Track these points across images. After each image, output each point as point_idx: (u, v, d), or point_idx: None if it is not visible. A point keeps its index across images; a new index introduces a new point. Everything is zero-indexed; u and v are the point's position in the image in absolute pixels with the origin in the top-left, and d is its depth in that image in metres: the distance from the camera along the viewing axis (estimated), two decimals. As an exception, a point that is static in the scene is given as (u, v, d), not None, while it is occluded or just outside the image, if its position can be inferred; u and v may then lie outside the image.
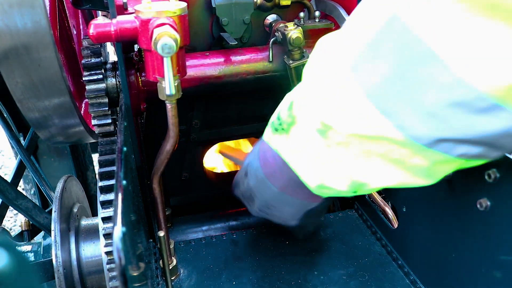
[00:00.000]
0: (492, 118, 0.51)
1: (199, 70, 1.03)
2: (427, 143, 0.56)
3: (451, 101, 0.52)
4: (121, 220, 0.56)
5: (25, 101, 0.93)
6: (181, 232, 1.21)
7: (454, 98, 0.51)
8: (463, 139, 0.54)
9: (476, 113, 0.51)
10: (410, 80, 0.54)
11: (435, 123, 0.54)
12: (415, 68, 0.53)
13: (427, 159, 0.58)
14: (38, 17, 0.84)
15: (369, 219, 1.18)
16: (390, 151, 0.60)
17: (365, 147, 0.61)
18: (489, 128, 0.52)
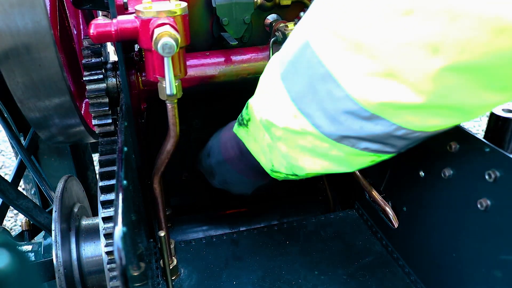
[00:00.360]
0: (374, 124, 0.66)
1: (199, 70, 1.03)
2: (336, 138, 0.71)
3: (344, 110, 0.67)
4: (122, 220, 0.57)
5: (26, 101, 0.93)
6: (182, 232, 1.21)
7: (346, 108, 0.66)
8: (359, 136, 0.69)
9: (363, 119, 0.66)
10: (318, 92, 0.69)
11: (337, 124, 0.69)
12: (320, 84, 0.68)
13: (342, 151, 0.73)
14: (38, 17, 0.84)
15: (370, 219, 1.18)
16: (315, 146, 0.74)
17: (297, 142, 0.76)
18: (374, 131, 0.67)
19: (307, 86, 0.70)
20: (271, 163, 0.86)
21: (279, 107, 0.76)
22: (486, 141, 0.74)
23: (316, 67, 0.68)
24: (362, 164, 0.77)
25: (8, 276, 0.24)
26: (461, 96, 0.61)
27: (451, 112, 0.63)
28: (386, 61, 0.60)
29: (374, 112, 0.65)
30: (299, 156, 0.79)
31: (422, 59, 0.58)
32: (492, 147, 0.72)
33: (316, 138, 0.73)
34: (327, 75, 0.66)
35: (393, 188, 1.06)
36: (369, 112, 0.65)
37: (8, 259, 0.24)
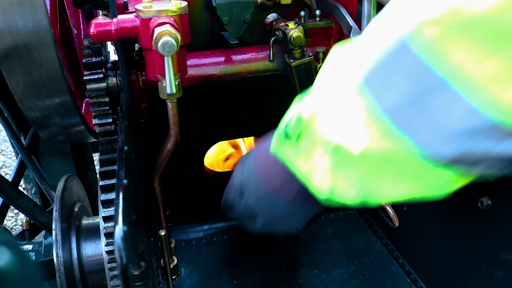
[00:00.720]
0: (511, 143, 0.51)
1: (199, 69, 1.03)
2: (446, 162, 0.55)
3: (470, 128, 0.51)
4: (122, 219, 0.57)
5: (26, 101, 0.93)
6: (182, 231, 1.21)
7: (473, 126, 0.50)
8: (481, 159, 0.54)
9: (498, 138, 0.50)
10: (426, 107, 0.52)
11: (455, 145, 0.53)
12: (430, 96, 0.52)
13: (445, 176, 0.57)
14: (38, 17, 0.84)
15: (370, 218, 1.18)
16: (405, 167, 0.58)
17: (378, 166, 0.59)
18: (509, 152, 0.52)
19: (410, 97, 0.53)
20: (332, 187, 0.66)
21: (357, 125, 0.58)
22: (487, 140, 0.74)
23: (423, 76, 0.52)
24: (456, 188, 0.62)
25: (9, 274, 0.24)
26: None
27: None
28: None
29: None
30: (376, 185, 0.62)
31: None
32: (493, 146, 0.72)
33: (412, 161, 0.56)
34: (443, 86, 0.50)
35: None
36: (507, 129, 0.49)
37: (8, 257, 0.24)
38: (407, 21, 0.52)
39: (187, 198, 1.30)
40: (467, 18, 0.46)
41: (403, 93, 0.53)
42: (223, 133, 1.26)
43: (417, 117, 0.53)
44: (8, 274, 0.24)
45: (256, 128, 1.25)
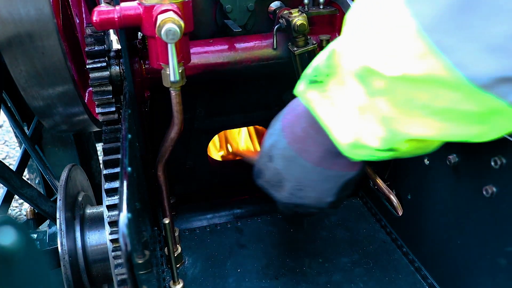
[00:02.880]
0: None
1: (203, 57, 1.03)
2: (486, 83, 0.50)
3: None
4: (127, 206, 0.57)
5: (29, 89, 0.93)
6: (186, 220, 1.21)
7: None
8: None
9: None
10: (475, 8, 0.48)
11: (500, 57, 0.48)
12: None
13: (480, 104, 0.53)
14: (41, 4, 0.83)
15: (374, 206, 1.18)
16: (437, 96, 0.54)
17: (409, 93, 0.56)
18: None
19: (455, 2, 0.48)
20: (356, 134, 0.64)
21: (393, 46, 0.54)
22: (492, 128, 0.73)
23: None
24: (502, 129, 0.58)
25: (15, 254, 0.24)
26: None
27: None
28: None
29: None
30: (408, 119, 0.58)
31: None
32: (498, 133, 0.72)
33: (446, 86, 0.52)
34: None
35: (398, 176, 1.06)
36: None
37: (15, 237, 0.24)
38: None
39: (190, 187, 1.30)
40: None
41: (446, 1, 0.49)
42: (227, 122, 1.26)
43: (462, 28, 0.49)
44: (14, 254, 0.24)
45: (259, 117, 1.24)
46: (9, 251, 0.24)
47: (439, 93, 0.53)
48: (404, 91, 0.56)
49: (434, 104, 0.55)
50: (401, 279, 0.99)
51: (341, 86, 0.63)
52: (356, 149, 0.66)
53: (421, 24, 0.51)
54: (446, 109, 0.55)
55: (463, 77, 0.50)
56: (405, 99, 0.56)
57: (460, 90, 0.52)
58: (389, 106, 0.58)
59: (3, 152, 2.88)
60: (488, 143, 0.74)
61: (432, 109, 0.55)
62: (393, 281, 0.98)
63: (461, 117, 0.55)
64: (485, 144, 0.75)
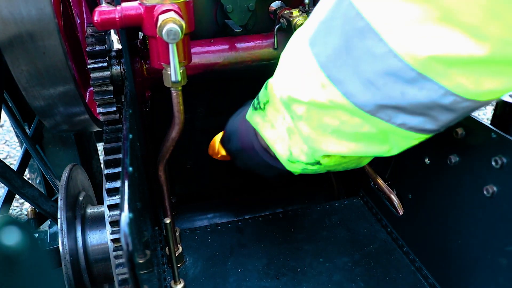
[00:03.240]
0: (419, 89, 0.57)
1: (203, 57, 1.03)
2: (370, 109, 0.62)
3: (384, 70, 0.57)
4: (128, 206, 0.57)
5: (30, 89, 0.93)
6: (187, 220, 1.21)
7: (387, 68, 0.57)
8: (398, 106, 0.60)
9: (405, 82, 0.57)
10: (354, 51, 0.60)
11: (373, 90, 0.60)
12: (357, 40, 0.59)
13: (375, 126, 0.64)
14: (42, 4, 0.83)
15: (374, 206, 1.18)
16: (344, 123, 0.66)
17: (322, 119, 0.68)
18: (417, 97, 0.58)
19: (341, 46, 0.61)
20: (289, 151, 0.77)
21: (304, 78, 0.67)
22: (493, 127, 0.73)
23: (353, 21, 0.59)
24: (395, 146, 0.68)
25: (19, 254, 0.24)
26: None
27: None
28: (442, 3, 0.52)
29: (421, 71, 0.56)
30: (323, 138, 0.70)
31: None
32: (499, 133, 0.72)
33: (346, 111, 0.64)
34: (367, 29, 0.57)
35: (398, 176, 1.06)
36: (415, 71, 0.56)
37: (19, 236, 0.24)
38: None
39: (191, 187, 1.30)
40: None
41: (336, 43, 0.61)
42: (227, 122, 1.26)
43: (346, 65, 0.61)
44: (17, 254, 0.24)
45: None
46: (12, 251, 0.24)
47: (343, 119, 0.66)
48: (317, 117, 0.68)
49: (342, 129, 0.67)
50: (402, 278, 0.99)
51: (275, 112, 0.77)
52: (292, 164, 0.79)
53: (318, 62, 0.64)
54: (352, 133, 0.67)
55: (352, 105, 0.63)
56: (318, 124, 0.69)
57: (357, 115, 0.64)
58: (308, 129, 0.71)
59: (3, 152, 2.88)
60: (489, 143, 0.74)
61: (342, 133, 0.68)
62: (393, 281, 0.98)
63: (366, 138, 0.67)
64: (485, 144, 0.75)
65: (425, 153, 0.92)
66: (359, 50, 0.59)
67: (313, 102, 0.67)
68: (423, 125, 0.63)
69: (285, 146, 0.77)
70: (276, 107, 0.76)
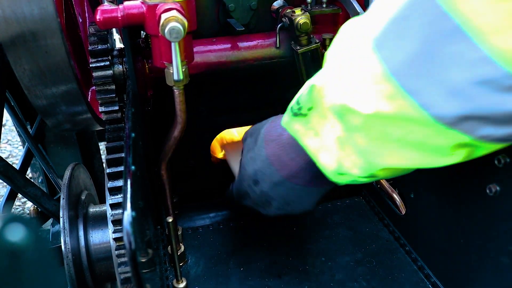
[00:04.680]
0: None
1: (205, 56, 1.03)
2: (451, 122, 0.55)
3: (478, 78, 0.51)
4: (131, 204, 0.57)
5: (33, 88, 0.93)
6: (189, 219, 1.21)
7: (481, 75, 0.50)
8: (489, 117, 0.53)
9: (503, 91, 0.50)
10: (437, 57, 0.53)
11: (461, 100, 0.53)
12: (442, 45, 0.52)
13: (450, 139, 0.57)
14: (44, 4, 0.83)
15: (377, 205, 1.18)
16: (410, 132, 0.59)
17: (384, 129, 0.61)
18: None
19: (420, 51, 0.54)
20: (338, 163, 0.69)
21: (366, 87, 0.60)
22: (496, 126, 0.73)
23: (437, 22, 0.51)
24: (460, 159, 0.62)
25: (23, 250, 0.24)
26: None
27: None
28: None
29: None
30: (382, 150, 0.63)
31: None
32: (502, 132, 0.72)
33: (415, 123, 0.58)
34: (457, 31, 0.50)
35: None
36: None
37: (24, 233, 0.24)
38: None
39: (193, 186, 1.30)
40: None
41: (413, 48, 0.54)
42: (229, 121, 1.26)
43: (425, 75, 0.54)
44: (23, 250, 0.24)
45: (262, 115, 1.24)
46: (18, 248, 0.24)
47: (412, 129, 0.59)
48: (379, 127, 0.61)
49: (407, 138, 0.60)
50: (404, 277, 0.99)
51: (322, 120, 0.69)
52: (340, 176, 0.72)
53: (389, 68, 0.57)
54: (419, 142, 0.60)
55: (429, 116, 0.56)
56: (380, 134, 0.62)
57: (429, 127, 0.57)
58: (366, 141, 0.64)
59: (6, 151, 2.89)
60: (492, 142, 0.74)
61: (406, 142, 0.61)
62: (396, 280, 0.98)
63: (433, 149, 0.60)
64: (488, 143, 0.75)
65: (428, 152, 0.92)
66: (445, 55, 0.52)
67: (378, 114, 0.59)
68: (507, 136, 0.56)
69: (333, 157, 0.70)
70: (324, 114, 0.69)
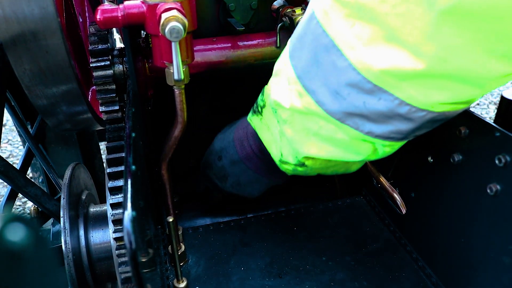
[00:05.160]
0: (377, 99, 0.64)
1: (206, 55, 1.03)
2: (340, 117, 0.68)
3: (347, 82, 0.64)
4: (131, 204, 0.57)
5: (33, 88, 0.93)
6: (189, 218, 1.21)
7: (349, 79, 0.64)
8: (362, 114, 0.66)
9: (365, 93, 0.64)
10: (322, 65, 0.67)
11: (340, 99, 0.67)
12: (324, 55, 0.66)
13: (346, 134, 0.70)
14: (44, 3, 0.83)
15: (377, 205, 1.18)
16: (321, 128, 0.72)
17: (303, 123, 0.74)
18: (377, 106, 0.64)
19: (312, 59, 0.69)
20: (280, 152, 0.84)
21: (286, 87, 0.75)
22: (496, 126, 0.73)
23: (320, 38, 0.67)
24: (368, 152, 0.74)
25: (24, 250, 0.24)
26: (463, 62, 0.57)
27: (455, 83, 0.60)
28: (387, 24, 0.59)
29: (376, 83, 0.63)
30: (304, 141, 0.77)
31: (419, 16, 0.56)
32: (503, 131, 0.72)
33: (320, 118, 0.71)
34: (331, 45, 0.65)
35: (401, 174, 1.06)
36: (371, 83, 0.63)
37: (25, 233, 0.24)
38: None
39: (193, 186, 1.30)
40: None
41: (308, 57, 0.69)
42: (230, 120, 1.26)
43: (317, 77, 0.68)
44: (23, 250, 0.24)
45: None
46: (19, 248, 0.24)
47: (321, 124, 0.72)
48: (300, 121, 0.75)
49: (321, 132, 0.73)
50: (405, 277, 0.99)
51: (270, 116, 0.84)
52: (283, 164, 0.86)
53: (296, 72, 0.72)
54: (330, 137, 0.73)
55: (325, 112, 0.69)
56: (302, 127, 0.75)
57: (331, 122, 0.70)
58: (292, 132, 0.77)
59: (6, 151, 2.89)
60: (492, 142, 0.74)
61: (321, 136, 0.74)
62: (396, 280, 0.98)
63: (341, 144, 0.73)
64: (489, 143, 0.75)
65: (428, 152, 0.92)
66: (325, 63, 0.67)
67: (293, 108, 0.74)
68: (388, 134, 0.69)
69: (278, 147, 0.84)
70: (269, 110, 0.83)
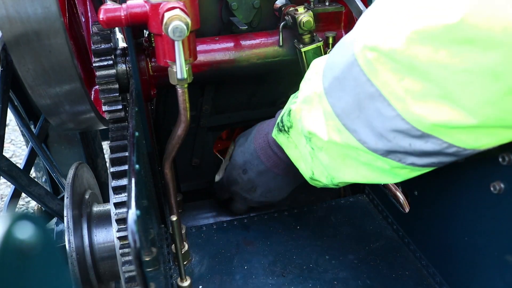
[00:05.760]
0: (425, 142, 0.66)
1: (209, 55, 1.03)
2: (382, 153, 0.72)
3: (394, 128, 0.67)
4: (135, 203, 0.57)
5: (36, 88, 0.93)
6: (192, 217, 1.21)
7: (396, 127, 0.67)
8: (409, 152, 0.69)
9: (412, 137, 0.67)
10: (365, 110, 0.69)
11: (384, 141, 0.70)
12: (368, 102, 0.68)
13: (387, 164, 0.74)
14: (48, 3, 0.83)
15: (380, 203, 1.18)
16: (359, 155, 0.75)
17: (340, 151, 0.77)
18: (424, 148, 0.67)
19: (354, 103, 0.70)
20: (311, 171, 0.87)
21: (322, 120, 0.77)
22: (500, 124, 0.73)
23: (364, 86, 0.68)
24: (406, 176, 0.77)
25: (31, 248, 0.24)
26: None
27: (506, 130, 0.63)
28: (443, 86, 0.60)
29: (426, 131, 0.65)
30: (341, 167, 0.79)
31: (481, 86, 0.58)
32: (506, 129, 0.71)
33: (361, 150, 0.74)
34: (377, 94, 0.66)
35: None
36: (421, 132, 0.65)
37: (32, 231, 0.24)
38: (358, 42, 0.68)
39: (196, 185, 1.30)
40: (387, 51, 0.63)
41: (350, 100, 0.71)
42: (233, 119, 1.26)
43: (359, 119, 0.71)
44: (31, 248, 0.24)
45: (265, 114, 1.25)
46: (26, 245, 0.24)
47: (359, 153, 0.75)
48: (337, 149, 0.78)
49: (360, 158, 0.76)
50: (408, 276, 0.99)
51: (298, 136, 0.87)
52: (314, 181, 0.90)
53: (334, 111, 0.74)
54: (368, 163, 0.76)
55: (366, 149, 0.73)
56: (339, 154, 0.78)
57: (370, 154, 0.73)
58: (328, 158, 0.80)
59: (9, 150, 2.89)
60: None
61: (359, 161, 0.76)
62: (400, 278, 0.98)
63: (379, 169, 0.76)
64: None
65: (432, 150, 0.92)
66: (370, 110, 0.69)
67: (332, 141, 0.76)
68: (430, 164, 0.72)
69: (308, 166, 0.87)
70: (299, 133, 0.86)
